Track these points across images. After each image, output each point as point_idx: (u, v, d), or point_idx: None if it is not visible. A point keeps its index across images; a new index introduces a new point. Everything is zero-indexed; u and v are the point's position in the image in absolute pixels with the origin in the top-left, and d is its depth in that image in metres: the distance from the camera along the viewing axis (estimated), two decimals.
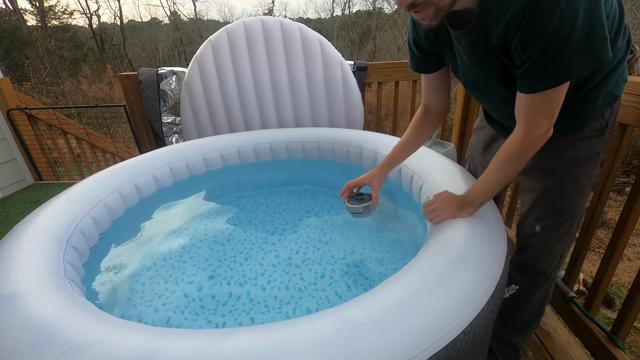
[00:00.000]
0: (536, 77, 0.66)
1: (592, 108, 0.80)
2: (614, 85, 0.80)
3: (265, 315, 1.06)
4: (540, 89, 0.68)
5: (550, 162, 0.89)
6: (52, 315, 0.66)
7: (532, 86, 0.69)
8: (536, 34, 0.61)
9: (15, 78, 11.38)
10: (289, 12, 26.37)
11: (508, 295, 0.99)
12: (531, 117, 0.73)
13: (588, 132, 0.83)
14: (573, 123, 0.83)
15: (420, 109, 1.08)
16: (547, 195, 0.92)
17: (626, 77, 0.83)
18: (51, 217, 1.05)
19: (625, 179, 4.26)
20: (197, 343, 0.58)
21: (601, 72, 0.76)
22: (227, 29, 2.00)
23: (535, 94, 0.69)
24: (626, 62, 0.81)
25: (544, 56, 0.62)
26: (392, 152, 1.14)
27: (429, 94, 1.04)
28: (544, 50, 0.62)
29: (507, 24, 0.64)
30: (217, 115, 2.09)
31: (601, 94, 0.78)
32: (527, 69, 0.67)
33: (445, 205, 0.91)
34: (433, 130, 1.10)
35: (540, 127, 0.74)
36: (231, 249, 1.37)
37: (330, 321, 0.61)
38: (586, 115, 0.81)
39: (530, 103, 0.71)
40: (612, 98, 0.80)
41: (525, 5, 0.60)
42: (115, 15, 17.68)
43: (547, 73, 0.65)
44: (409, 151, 1.14)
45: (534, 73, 0.66)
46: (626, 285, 2.63)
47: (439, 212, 0.91)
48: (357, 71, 2.14)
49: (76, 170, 3.50)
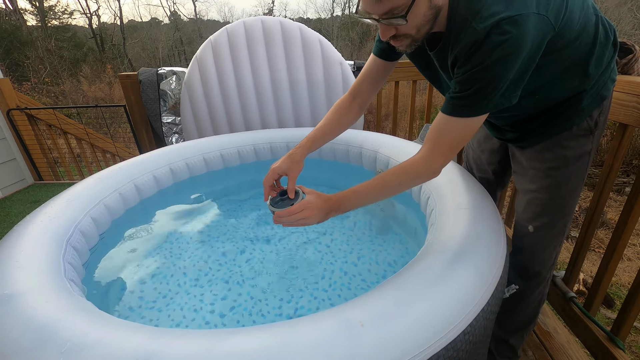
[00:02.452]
0: (459, 103, 0.72)
1: (578, 109, 0.82)
2: (602, 87, 0.81)
3: (265, 316, 1.06)
4: (461, 115, 0.73)
5: (541, 161, 0.90)
6: (52, 315, 0.66)
7: (453, 108, 0.74)
8: (468, 68, 0.68)
9: (15, 78, 11.38)
10: (289, 12, 26.39)
11: (508, 295, 0.99)
12: (438, 141, 0.77)
13: (576, 131, 0.85)
14: (560, 123, 0.85)
15: (347, 95, 1.03)
16: (539, 195, 0.93)
17: (614, 77, 0.84)
18: (51, 217, 1.05)
19: (625, 179, 4.26)
20: (197, 343, 0.58)
21: (589, 80, 0.79)
22: (227, 29, 2.00)
23: (453, 118, 0.74)
24: (614, 63, 0.83)
25: (470, 87, 0.69)
26: (311, 138, 1.01)
27: (365, 80, 1.02)
28: (471, 82, 0.69)
29: (456, 56, 0.71)
30: (217, 115, 2.09)
31: (587, 96, 0.81)
32: (454, 94, 0.73)
33: (314, 213, 0.83)
34: (356, 119, 1.06)
35: (439, 159, 0.78)
36: (231, 248, 1.37)
37: (330, 321, 0.61)
38: (572, 116, 0.83)
39: (443, 124, 0.76)
40: (599, 98, 0.82)
41: (470, 45, 0.66)
42: (115, 15, 17.68)
43: (468, 103, 0.71)
44: (330, 138, 1.05)
45: (458, 99, 0.72)
46: (626, 285, 2.63)
47: (307, 221, 0.83)
48: (357, 71, 2.14)
49: (76, 170, 3.50)
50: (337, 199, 0.85)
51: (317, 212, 0.83)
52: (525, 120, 0.89)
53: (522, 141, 0.94)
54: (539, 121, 0.87)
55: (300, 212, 0.83)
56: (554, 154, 0.88)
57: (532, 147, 0.92)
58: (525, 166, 0.95)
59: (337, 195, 0.85)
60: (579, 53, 0.75)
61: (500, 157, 1.12)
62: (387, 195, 0.85)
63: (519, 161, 0.97)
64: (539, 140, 0.89)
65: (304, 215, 0.83)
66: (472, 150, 1.22)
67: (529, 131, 0.90)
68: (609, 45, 0.79)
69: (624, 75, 0.98)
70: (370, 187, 0.84)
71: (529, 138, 0.91)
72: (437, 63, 0.83)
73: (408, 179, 0.82)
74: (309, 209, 0.83)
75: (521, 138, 0.93)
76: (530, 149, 0.92)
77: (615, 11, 11.03)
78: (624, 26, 10.61)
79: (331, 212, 0.84)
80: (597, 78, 0.80)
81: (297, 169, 0.98)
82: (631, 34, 10.08)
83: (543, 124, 0.86)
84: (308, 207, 0.83)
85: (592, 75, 0.78)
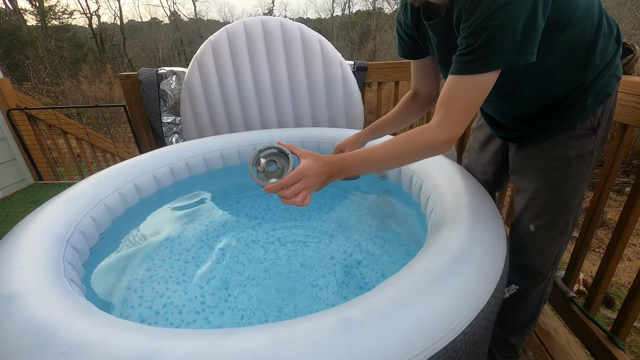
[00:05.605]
0: (467, 59, 0.68)
1: (581, 106, 0.81)
2: (606, 84, 0.80)
3: (265, 316, 1.06)
4: (469, 72, 0.68)
5: (543, 161, 0.90)
6: (52, 315, 0.65)
7: (461, 66, 0.69)
8: (474, 19, 0.64)
9: (15, 78, 11.38)
10: (289, 12, 26.36)
11: (508, 295, 0.99)
12: (450, 106, 0.71)
13: (579, 130, 0.84)
14: (563, 121, 0.84)
15: (409, 91, 1.07)
16: (540, 194, 0.92)
17: (619, 75, 0.83)
18: (51, 217, 1.05)
19: (625, 179, 4.27)
20: (197, 343, 0.58)
21: (591, 74, 0.78)
22: (227, 29, 2.00)
23: (462, 76, 0.69)
24: (619, 60, 0.82)
25: (478, 39, 0.65)
26: (374, 124, 1.06)
27: (417, 80, 1.05)
28: (478, 33, 0.64)
29: (459, 11, 0.68)
30: (217, 115, 2.09)
31: (591, 92, 0.80)
32: (461, 51, 0.69)
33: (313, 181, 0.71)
34: (420, 114, 1.09)
35: (454, 126, 0.72)
36: (231, 248, 1.37)
37: (330, 321, 0.61)
38: (576, 113, 0.82)
39: (453, 86, 0.71)
40: (603, 96, 0.81)
41: None
42: (115, 15, 17.69)
43: (477, 57, 0.67)
44: (391, 128, 1.08)
45: (466, 54, 0.68)
46: (626, 285, 2.63)
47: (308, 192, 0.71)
48: (357, 71, 2.14)
49: (76, 170, 3.50)
50: (338, 161, 0.74)
51: (316, 180, 0.71)
52: (529, 118, 0.89)
53: (524, 139, 0.93)
54: (542, 118, 0.86)
55: (298, 182, 0.70)
56: (555, 154, 0.87)
57: (533, 145, 0.91)
58: (525, 165, 0.95)
59: (339, 157, 0.74)
60: (582, 41, 0.74)
61: (501, 158, 1.11)
62: (396, 165, 0.77)
63: (519, 160, 0.97)
64: (541, 139, 0.89)
65: (303, 185, 0.70)
66: (474, 151, 1.22)
67: (532, 129, 0.89)
68: (612, 40, 0.79)
69: (624, 75, 0.98)
70: (379, 152, 0.74)
71: (532, 136, 0.90)
72: (438, 36, 0.82)
73: (422, 147, 0.74)
74: (307, 177, 0.70)
75: (524, 136, 0.92)
76: (531, 147, 0.92)
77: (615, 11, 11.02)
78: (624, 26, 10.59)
79: (332, 176, 0.73)
80: (600, 72, 0.79)
81: (353, 148, 1.04)
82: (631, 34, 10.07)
83: (546, 121, 0.86)
84: (306, 174, 0.70)
85: (595, 67, 0.77)
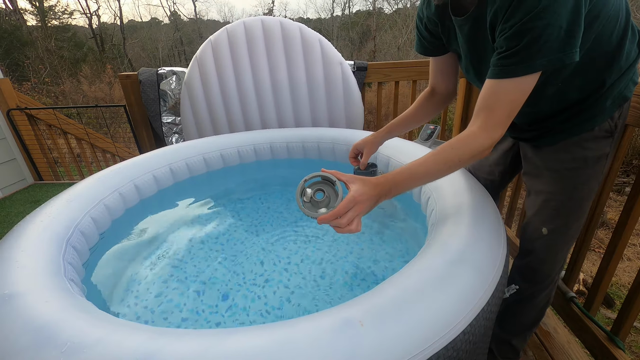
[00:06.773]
0: (510, 61, 0.67)
1: (601, 108, 0.80)
2: (624, 87, 0.80)
3: (265, 316, 1.06)
4: (513, 74, 0.67)
5: (560, 162, 0.88)
6: (52, 315, 0.65)
7: (503, 69, 0.68)
8: (516, 20, 0.63)
9: (15, 78, 11.39)
10: (289, 12, 26.38)
11: (508, 295, 0.99)
12: (493, 110, 0.71)
13: (597, 132, 0.83)
14: (582, 122, 0.82)
15: (427, 88, 1.07)
16: (555, 197, 0.90)
17: (636, 80, 0.83)
18: (51, 217, 1.05)
19: (625, 179, 4.26)
20: (197, 343, 0.58)
21: (614, 75, 0.77)
22: (227, 29, 2.00)
23: (505, 80, 0.68)
24: (637, 65, 0.82)
25: (521, 41, 0.64)
26: (391, 123, 1.09)
27: (435, 76, 1.04)
28: (522, 34, 0.63)
29: (496, 11, 0.67)
30: (217, 115, 2.09)
31: (611, 94, 0.79)
32: (502, 53, 0.68)
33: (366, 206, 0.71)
34: (438, 111, 1.09)
35: (497, 129, 0.71)
36: (231, 248, 1.37)
37: (330, 321, 0.61)
38: (595, 115, 0.81)
39: (495, 90, 0.70)
40: (621, 99, 0.81)
41: None
42: (115, 15, 17.69)
43: (520, 59, 0.66)
44: (409, 126, 1.10)
45: (509, 57, 0.67)
46: (626, 285, 2.63)
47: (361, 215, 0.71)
48: (357, 71, 2.14)
49: (76, 170, 3.50)
50: (386, 182, 0.73)
51: (369, 204, 0.71)
52: (546, 118, 0.87)
53: (539, 140, 0.91)
54: (560, 119, 0.84)
55: (351, 209, 0.69)
56: (572, 155, 0.86)
57: (549, 146, 0.89)
58: (540, 167, 0.92)
59: (387, 177, 0.74)
60: (610, 40, 0.73)
61: (510, 158, 1.09)
62: (442, 176, 0.78)
63: (533, 161, 0.94)
64: (557, 140, 0.87)
65: (357, 211, 0.69)
66: None
67: (548, 129, 0.87)
68: (635, 43, 0.78)
69: None
70: (425, 166, 0.74)
71: (547, 137, 0.88)
72: (464, 32, 0.80)
73: (470, 154, 0.73)
74: (360, 202, 0.69)
75: (540, 137, 0.90)
76: (547, 148, 0.90)
77: None
78: None
79: (381, 198, 0.73)
80: (622, 74, 0.78)
81: (371, 148, 1.10)
82: None
83: (564, 122, 0.84)
84: (359, 200, 0.69)
85: (618, 69, 0.77)
